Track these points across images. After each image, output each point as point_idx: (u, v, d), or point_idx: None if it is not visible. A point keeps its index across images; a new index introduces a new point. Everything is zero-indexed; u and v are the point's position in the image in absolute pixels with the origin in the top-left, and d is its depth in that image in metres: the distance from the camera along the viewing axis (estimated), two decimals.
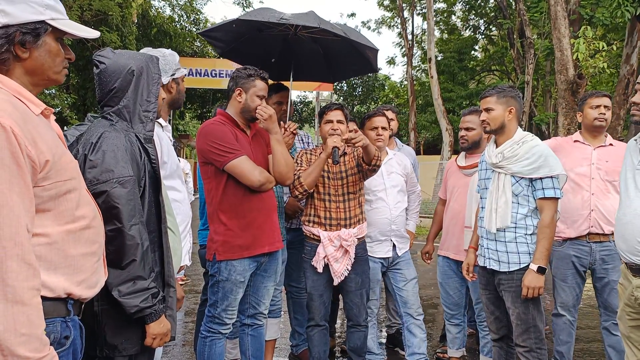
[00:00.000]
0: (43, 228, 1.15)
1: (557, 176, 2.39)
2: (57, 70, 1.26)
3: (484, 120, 2.51)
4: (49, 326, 1.16)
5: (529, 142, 2.43)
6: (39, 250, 1.14)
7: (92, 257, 1.26)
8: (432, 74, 13.00)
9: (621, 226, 2.02)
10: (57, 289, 1.18)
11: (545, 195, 2.36)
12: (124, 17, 11.19)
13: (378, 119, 3.02)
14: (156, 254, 1.62)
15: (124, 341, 1.53)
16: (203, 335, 2.46)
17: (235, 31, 3.12)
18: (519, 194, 2.40)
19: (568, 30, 7.76)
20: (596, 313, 3.97)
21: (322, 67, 3.59)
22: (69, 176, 1.20)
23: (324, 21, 3.02)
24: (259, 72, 2.44)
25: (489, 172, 2.53)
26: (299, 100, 22.06)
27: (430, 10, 13.60)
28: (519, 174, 2.39)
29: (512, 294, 2.40)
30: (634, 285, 1.99)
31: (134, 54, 1.69)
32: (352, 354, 2.86)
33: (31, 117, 1.14)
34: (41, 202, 1.14)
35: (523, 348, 2.41)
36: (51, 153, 1.14)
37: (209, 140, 2.34)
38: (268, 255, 2.50)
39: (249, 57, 3.37)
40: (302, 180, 2.62)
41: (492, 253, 2.47)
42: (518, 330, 2.41)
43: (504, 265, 2.42)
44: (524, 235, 2.40)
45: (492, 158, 2.47)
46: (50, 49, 1.21)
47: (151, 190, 1.62)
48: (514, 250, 2.40)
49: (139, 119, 1.64)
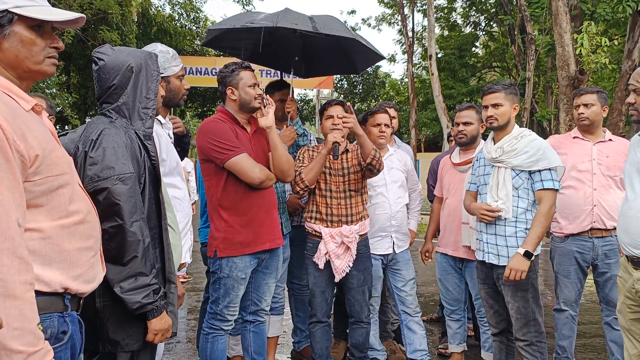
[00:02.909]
0: (36, 223, 1.14)
1: (555, 168, 2.41)
2: (37, 60, 1.21)
3: (491, 116, 2.47)
4: (46, 321, 1.15)
5: (527, 137, 2.46)
6: (33, 245, 1.13)
7: (87, 251, 1.26)
8: (432, 71, 12.97)
9: (625, 219, 2.03)
10: (53, 283, 1.17)
11: (544, 187, 2.38)
12: (124, 16, 11.18)
13: (381, 116, 3.03)
14: (157, 250, 1.62)
15: (125, 337, 1.54)
16: (205, 332, 2.47)
17: (246, 37, 3.09)
18: (519, 187, 2.42)
19: (569, 26, 7.73)
20: (598, 308, 3.97)
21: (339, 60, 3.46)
22: (61, 171, 1.19)
23: (291, 15, 2.91)
24: (240, 64, 2.44)
25: (488, 167, 2.54)
26: (300, 98, 22.05)
27: (431, 6, 13.56)
28: (518, 167, 2.41)
29: (512, 288, 2.41)
30: (635, 278, 2.01)
31: (133, 51, 1.69)
32: (354, 350, 2.86)
33: (21, 112, 1.14)
34: (33, 197, 1.13)
35: (523, 342, 2.42)
36: (41, 148, 1.13)
37: (209, 137, 2.34)
38: (269, 252, 2.50)
39: (270, 60, 3.40)
40: (303, 176, 2.62)
41: (492, 247, 2.48)
42: (518, 324, 2.42)
43: (504, 260, 2.43)
44: (524, 230, 2.42)
45: (492, 153, 2.48)
46: (23, 39, 1.17)
47: (151, 187, 1.62)
48: (514, 245, 2.42)
49: (139, 116, 1.64)
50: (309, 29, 2.81)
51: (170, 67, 2.16)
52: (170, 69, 2.16)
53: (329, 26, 2.94)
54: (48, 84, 9.91)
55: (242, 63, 2.45)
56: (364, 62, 3.51)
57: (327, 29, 2.87)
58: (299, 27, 2.80)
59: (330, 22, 3.02)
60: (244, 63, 2.46)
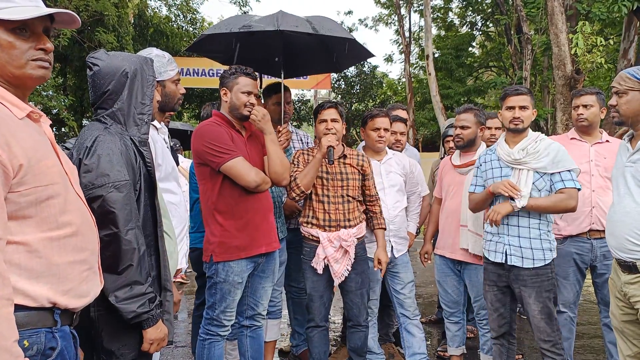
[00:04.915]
0: (23, 235, 1.10)
1: (573, 169, 2.47)
2: (19, 64, 1.16)
3: (517, 118, 2.51)
4: (32, 337, 1.12)
5: (545, 140, 2.52)
6: (19, 258, 1.09)
7: (80, 265, 1.21)
8: (429, 71, 12.97)
9: (611, 224, 2.07)
10: (39, 298, 1.12)
11: (566, 186, 2.43)
12: (120, 18, 11.12)
13: (381, 120, 2.96)
14: (152, 258, 1.61)
15: (121, 347, 1.52)
16: (202, 338, 2.45)
17: (224, 41, 3.09)
18: (542, 188, 2.46)
19: (565, 26, 7.74)
20: (596, 309, 3.96)
21: (322, 58, 3.48)
22: (50, 181, 1.14)
23: (289, 18, 2.92)
24: (242, 69, 2.43)
25: (506, 169, 2.54)
26: (297, 98, 22.01)
27: (428, 7, 13.56)
28: (542, 169, 2.45)
29: (537, 289, 2.44)
30: (623, 282, 2.05)
31: (128, 56, 1.67)
32: (352, 354, 2.85)
33: (9, 120, 1.10)
34: (19, 209, 1.09)
35: (549, 343, 2.45)
36: (26, 157, 1.09)
37: (205, 141, 2.33)
38: (265, 256, 2.49)
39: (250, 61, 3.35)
40: (298, 181, 2.60)
41: (515, 249, 2.48)
42: (542, 325, 2.45)
43: (528, 262, 2.45)
44: (547, 232, 2.49)
45: (514, 154, 2.50)
46: (1, 43, 1.13)
47: (147, 194, 1.60)
48: (538, 247, 2.46)
49: (134, 122, 1.62)
50: (309, 31, 2.81)
51: (166, 72, 2.15)
52: (166, 73, 2.15)
53: (327, 27, 2.94)
54: (44, 86, 9.85)
55: (245, 69, 2.44)
56: (349, 60, 3.52)
57: (326, 30, 2.88)
58: (300, 30, 2.80)
59: (327, 23, 3.02)
60: (247, 69, 2.44)
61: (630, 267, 2.00)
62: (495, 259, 2.55)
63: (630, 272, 2.01)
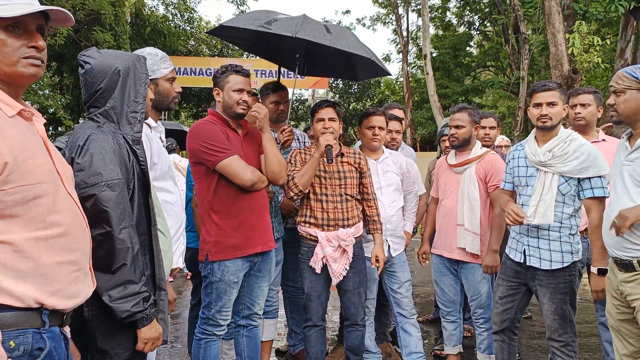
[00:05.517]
0: (9, 235, 1.09)
1: (605, 176, 2.36)
2: (10, 62, 1.15)
3: (545, 115, 2.39)
4: (19, 337, 1.10)
5: (577, 140, 2.40)
6: (4, 258, 1.08)
7: (69, 266, 1.20)
8: (427, 71, 12.97)
9: (608, 222, 2.06)
10: (26, 298, 1.11)
11: (595, 195, 2.34)
12: (117, 17, 11.09)
13: (376, 118, 2.96)
14: (146, 257, 1.60)
15: (115, 346, 1.51)
16: (198, 338, 2.44)
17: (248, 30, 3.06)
18: (566, 193, 2.39)
19: (562, 26, 7.74)
20: (592, 308, 3.97)
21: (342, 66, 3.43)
22: (37, 180, 1.13)
23: (310, 25, 2.88)
24: (233, 67, 2.43)
25: (532, 169, 2.48)
26: (295, 98, 21.99)
27: (425, 6, 13.55)
28: (568, 173, 2.36)
29: (552, 290, 2.43)
30: (619, 280, 2.05)
31: (120, 54, 1.66)
32: (349, 353, 2.84)
33: None
34: (5, 207, 1.08)
35: (559, 343, 2.43)
36: (12, 155, 1.08)
37: (200, 139, 2.32)
38: (261, 255, 2.48)
39: (271, 53, 3.34)
40: (296, 181, 2.59)
41: (534, 250, 2.47)
42: (554, 325, 2.44)
43: (546, 263, 2.43)
44: (568, 235, 2.43)
45: (540, 156, 2.42)
46: None
47: (140, 193, 1.59)
48: (557, 249, 2.42)
49: (127, 120, 1.61)
50: (325, 43, 2.77)
51: (159, 70, 2.13)
52: (159, 71, 2.12)
53: (345, 42, 2.89)
54: (40, 85, 9.82)
55: (235, 66, 2.44)
56: (367, 72, 3.50)
57: (344, 45, 2.83)
58: (317, 40, 2.76)
59: (347, 37, 3.00)
60: (237, 67, 2.44)
61: (627, 265, 2.01)
62: (515, 258, 2.55)
63: (627, 270, 2.01)
